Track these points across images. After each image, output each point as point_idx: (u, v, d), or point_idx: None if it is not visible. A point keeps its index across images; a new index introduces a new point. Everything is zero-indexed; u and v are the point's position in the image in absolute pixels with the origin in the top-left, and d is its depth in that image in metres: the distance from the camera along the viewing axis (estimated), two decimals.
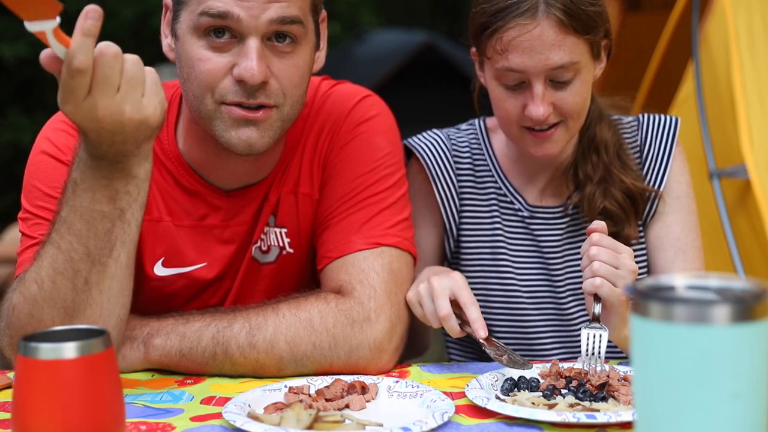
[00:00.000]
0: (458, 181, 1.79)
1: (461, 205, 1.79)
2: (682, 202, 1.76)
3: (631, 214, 1.73)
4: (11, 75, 8.23)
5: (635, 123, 1.81)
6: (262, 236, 1.62)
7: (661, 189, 1.74)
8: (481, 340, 1.45)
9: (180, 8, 1.46)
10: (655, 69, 3.45)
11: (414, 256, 1.61)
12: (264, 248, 1.63)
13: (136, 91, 1.25)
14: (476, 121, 1.86)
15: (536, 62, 1.56)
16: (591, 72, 1.64)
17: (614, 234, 1.69)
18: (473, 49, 1.69)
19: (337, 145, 1.62)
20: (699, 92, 2.80)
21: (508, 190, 1.78)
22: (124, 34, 8.71)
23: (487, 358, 1.80)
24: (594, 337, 1.43)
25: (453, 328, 1.47)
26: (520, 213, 1.77)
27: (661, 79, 3.38)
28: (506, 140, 1.79)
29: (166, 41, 1.53)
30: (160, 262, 1.59)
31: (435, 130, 1.85)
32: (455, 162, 1.80)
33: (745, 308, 0.79)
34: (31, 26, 1.17)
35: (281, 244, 1.63)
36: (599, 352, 1.43)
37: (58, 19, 1.18)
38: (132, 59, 1.26)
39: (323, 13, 1.56)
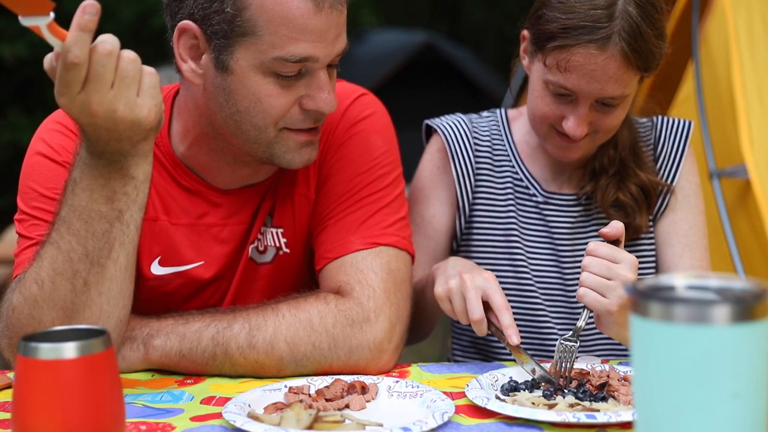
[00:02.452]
0: (476, 161, 1.82)
1: (476, 186, 1.81)
2: (691, 201, 1.80)
3: (643, 206, 1.76)
4: (11, 75, 8.23)
5: (650, 123, 1.85)
6: (259, 236, 1.62)
7: (674, 184, 1.78)
8: (510, 346, 1.45)
9: (234, 42, 1.41)
10: None
11: (412, 255, 1.61)
12: (261, 248, 1.63)
13: (129, 90, 1.24)
14: (497, 110, 1.90)
15: (592, 89, 1.59)
16: (633, 95, 1.68)
17: (625, 225, 1.72)
18: (525, 32, 1.70)
19: (333, 144, 1.62)
20: (699, 92, 2.80)
21: (525, 175, 1.82)
22: (123, 34, 8.68)
23: (488, 358, 1.81)
24: (564, 348, 1.43)
25: (482, 331, 1.47)
26: (534, 198, 1.80)
27: (661, 79, 3.37)
28: (527, 129, 1.83)
29: (189, 66, 1.46)
30: (156, 261, 1.59)
31: (457, 114, 1.89)
32: (475, 143, 1.83)
33: (745, 308, 0.79)
34: (25, 21, 1.17)
35: (278, 245, 1.63)
36: (568, 366, 1.43)
37: (52, 15, 1.18)
38: (129, 57, 1.24)
39: None
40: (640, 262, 1.76)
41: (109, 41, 1.22)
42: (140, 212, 1.36)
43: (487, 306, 1.48)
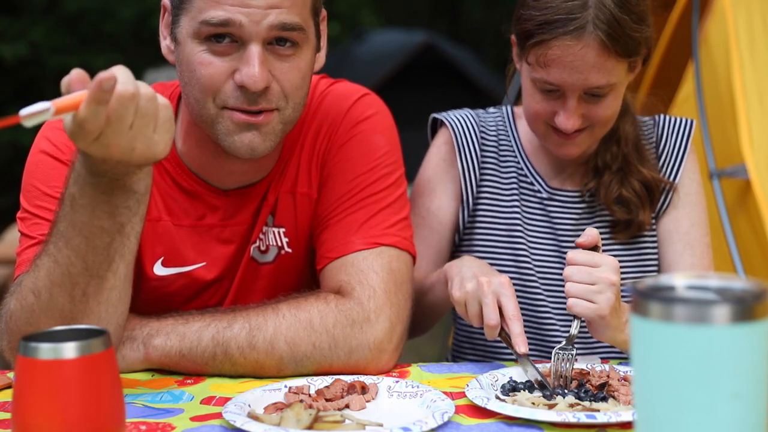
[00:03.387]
0: (482, 155, 1.83)
1: (481, 180, 1.82)
2: (692, 198, 1.81)
3: (645, 203, 1.77)
4: (11, 75, 8.24)
5: (652, 122, 1.86)
6: (261, 236, 1.62)
7: (676, 182, 1.79)
8: (517, 354, 1.45)
9: (180, 13, 1.45)
10: (655, 69, 3.45)
11: (413, 256, 1.61)
12: (263, 248, 1.63)
13: (148, 128, 1.23)
14: (503, 107, 1.91)
15: (575, 80, 1.60)
16: (625, 84, 1.68)
17: (628, 221, 1.73)
18: (513, 37, 1.72)
19: (335, 144, 1.62)
20: (699, 92, 2.80)
21: (530, 171, 1.83)
22: (123, 34, 8.72)
23: (487, 358, 1.81)
24: (561, 359, 1.43)
25: (493, 336, 1.48)
26: (539, 194, 1.81)
27: (661, 79, 3.37)
28: None
29: (165, 43, 1.53)
30: (159, 261, 1.59)
31: (464, 108, 1.91)
32: (481, 137, 1.84)
33: (745, 308, 0.79)
34: (30, 122, 1.13)
35: (280, 244, 1.63)
36: (567, 374, 1.42)
37: (50, 107, 1.13)
38: (147, 95, 1.22)
39: (323, 13, 1.55)
40: (642, 260, 1.77)
41: (129, 82, 1.19)
42: (141, 223, 1.35)
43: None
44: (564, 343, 1.44)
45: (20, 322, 1.36)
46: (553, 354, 1.43)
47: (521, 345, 1.44)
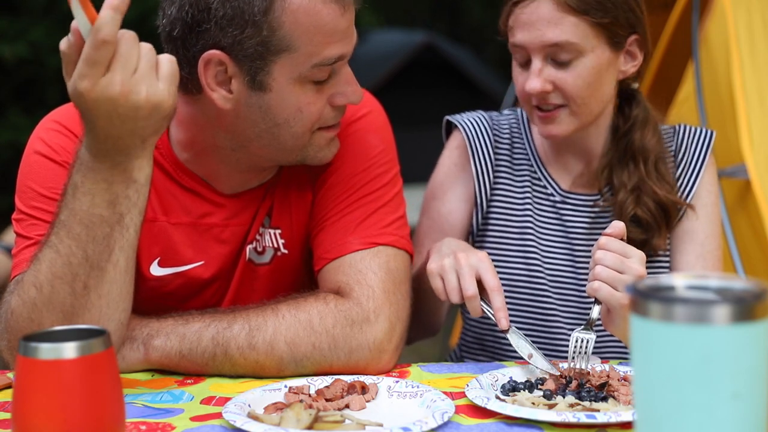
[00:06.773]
0: (495, 159, 1.83)
1: (495, 182, 1.82)
2: (709, 210, 1.79)
3: (662, 224, 1.74)
4: (11, 75, 8.22)
5: (671, 131, 1.84)
6: (257, 237, 1.62)
7: (691, 195, 1.77)
8: (504, 331, 1.45)
9: (269, 61, 1.42)
10: (655, 69, 3.45)
11: (410, 254, 1.61)
12: (259, 249, 1.63)
13: (152, 74, 1.27)
14: (517, 109, 1.92)
15: (533, 38, 1.63)
16: (602, 59, 1.66)
17: (643, 241, 1.71)
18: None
19: None
20: (699, 92, 2.80)
21: (543, 174, 1.83)
22: None
23: (490, 357, 1.81)
24: (581, 342, 1.43)
25: (476, 308, 1.47)
26: (552, 198, 1.81)
27: (661, 79, 3.37)
28: None
29: (218, 94, 1.45)
30: (156, 262, 1.59)
31: (478, 111, 1.92)
32: (495, 140, 1.85)
33: (745, 308, 0.79)
34: None
35: (276, 245, 1.63)
36: (585, 357, 1.43)
37: None
38: (148, 46, 1.28)
39: None
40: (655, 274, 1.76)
41: (129, 31, 1.26)
42: (140, 216, 1.36)
43: (481, 288, 1.48)
44: (583, 327, 1.45)
45: (21, 318, 1.36)
46: (572, 336, 1.44)
47: (503, 319, 1.45)
